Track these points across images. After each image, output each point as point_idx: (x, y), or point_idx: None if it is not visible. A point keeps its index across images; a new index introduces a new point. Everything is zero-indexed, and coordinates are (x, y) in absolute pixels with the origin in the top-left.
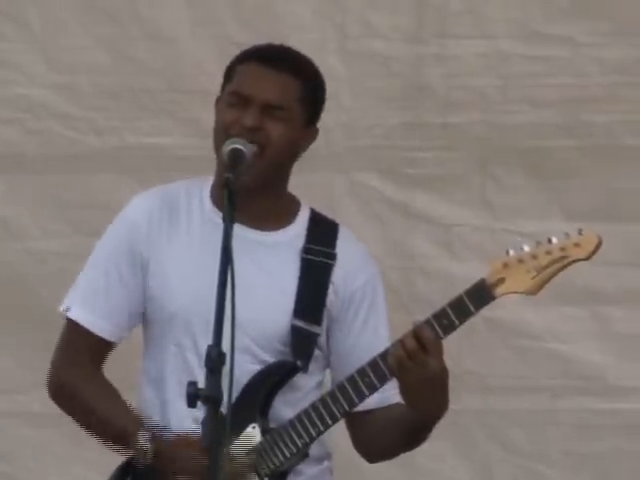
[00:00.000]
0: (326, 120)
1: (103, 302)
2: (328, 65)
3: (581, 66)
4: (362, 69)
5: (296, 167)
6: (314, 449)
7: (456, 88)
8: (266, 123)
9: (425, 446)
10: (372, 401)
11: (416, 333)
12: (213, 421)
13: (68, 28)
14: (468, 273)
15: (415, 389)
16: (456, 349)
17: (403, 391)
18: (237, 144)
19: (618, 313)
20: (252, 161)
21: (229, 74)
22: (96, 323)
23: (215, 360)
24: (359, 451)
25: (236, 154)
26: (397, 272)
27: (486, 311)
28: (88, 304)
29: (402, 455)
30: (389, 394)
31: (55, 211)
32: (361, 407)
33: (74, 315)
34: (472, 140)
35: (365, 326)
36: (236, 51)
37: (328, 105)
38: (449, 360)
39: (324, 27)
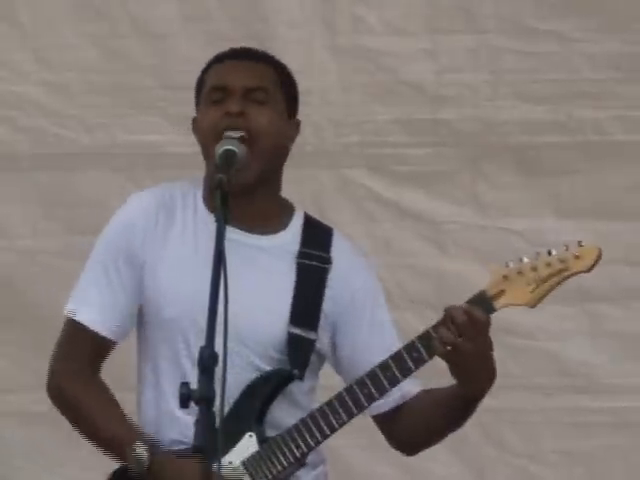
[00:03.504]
0: (315, 116)
1: (107, 302)
2: (318, 61)
3: (572, 62)
4: (352, 65)
5: (286, 163)
6: (310, 455)
7: (446, 84)
8: (250, 109)
9: None
10: (391, 399)
11: (466, 312)
12: (206, 422)
13: (58, 26)
14: (458, 271)
15: (467, 366)
16: None
17: (455, 371)
18: (229, 145)
19: (610, 311)
20: (246, 159)
21: (202, 81)
22: (104, 324)
23: (207, 360)
24: (397, 448)
25: (228, 155)
26: (387, 269)
27: None
28: (93, 306)
29: (394, 454)
30: (407, 389)
31: (45, 209)
32: (381, 408)
33: (81, 318)
34: (462, 136)
35: (372, 326)
36: (227, 47)
37: (318, 101)
38: (441, 359)
39: (313, 23)
